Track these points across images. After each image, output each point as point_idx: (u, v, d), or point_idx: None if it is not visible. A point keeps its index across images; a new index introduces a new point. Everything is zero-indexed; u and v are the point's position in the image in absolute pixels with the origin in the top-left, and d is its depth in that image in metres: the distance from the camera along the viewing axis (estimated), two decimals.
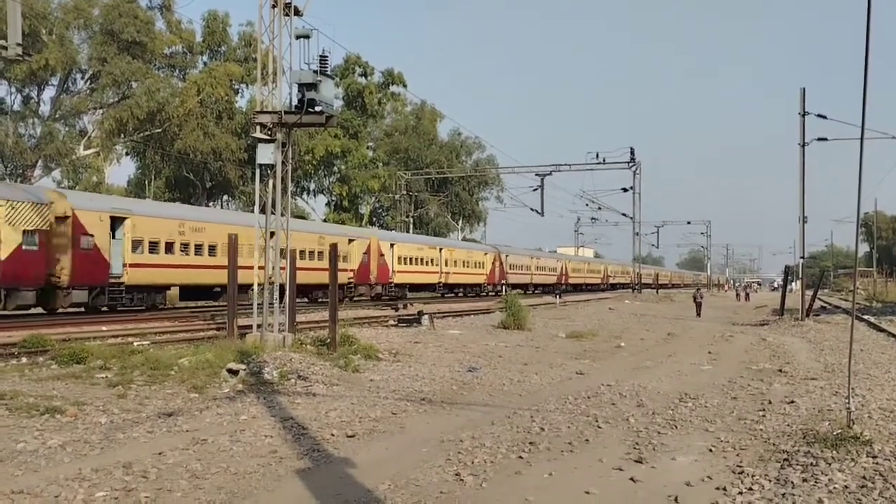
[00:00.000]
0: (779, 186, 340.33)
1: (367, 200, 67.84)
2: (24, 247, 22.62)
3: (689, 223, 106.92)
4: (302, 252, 29.69)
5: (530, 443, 8.83)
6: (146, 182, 56.67)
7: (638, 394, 12.36)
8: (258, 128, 16.81)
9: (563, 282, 72.10)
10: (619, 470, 7.75)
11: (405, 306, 34.83)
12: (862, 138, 8.19)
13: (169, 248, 28.20)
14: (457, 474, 7.52)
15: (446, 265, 50.62)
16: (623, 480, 7.41)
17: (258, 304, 17.01)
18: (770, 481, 7.06)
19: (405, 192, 63.06)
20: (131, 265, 26.47)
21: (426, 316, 25.11)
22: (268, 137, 16.73)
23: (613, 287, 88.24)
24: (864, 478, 6.92)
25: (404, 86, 66.43)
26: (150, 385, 11.76)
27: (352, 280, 39.18)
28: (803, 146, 32.31)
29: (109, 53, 44.42)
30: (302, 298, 31.20)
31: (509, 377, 14.47)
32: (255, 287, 17.25)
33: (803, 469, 7.31)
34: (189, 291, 31.50)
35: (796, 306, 33.69)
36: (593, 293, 71.33)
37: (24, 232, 22.69)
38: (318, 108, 16.64)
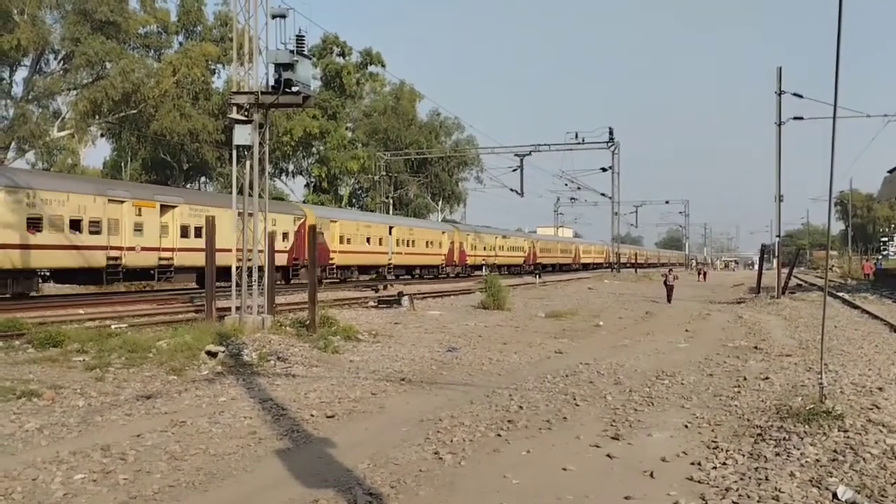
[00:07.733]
0: (757, 165, 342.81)
1: (347, 182, 67.49)
2: None
3: (667, 202, 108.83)
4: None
5: (509, 421, 8.90)
6: (122, 164, 56.00)
7: (615, 372, 12.50)
8: (234, 108, 16.67)
9: (530, 262, 70.12)
10: (596, 447, 7.85)
11: (385, 287, 34.82)
12: (834, 117, 8.27)
13: (33, 224, 23.11)
14: (436, 453, 7.58)
15: (397, 245, 47.81)
16: (600, 457, 7.51)
17: (237, 286, 16.94)
18: (743, 456, 7.19)
19: (384, 174, 62.82)
20: None
21: (406, 297, 25.14)
22: (244, 118, 16.59)
23: (585, 267, 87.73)
24: (835, 451, 7.05)
25: (383, 66, 65.94)
26: (128, 368, 11.71)
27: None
28: (779, 125, 32.58)
29: (83, 33, 43.64)
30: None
31: (489, 357, 14.55)
32: (234, 268, 17.17)
33: (776, 443, 7.45)
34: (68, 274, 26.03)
35: (772, 284, 34.09)
36: (568, 273, 71.19)
37: None
38: (295, 89, 16.51)
